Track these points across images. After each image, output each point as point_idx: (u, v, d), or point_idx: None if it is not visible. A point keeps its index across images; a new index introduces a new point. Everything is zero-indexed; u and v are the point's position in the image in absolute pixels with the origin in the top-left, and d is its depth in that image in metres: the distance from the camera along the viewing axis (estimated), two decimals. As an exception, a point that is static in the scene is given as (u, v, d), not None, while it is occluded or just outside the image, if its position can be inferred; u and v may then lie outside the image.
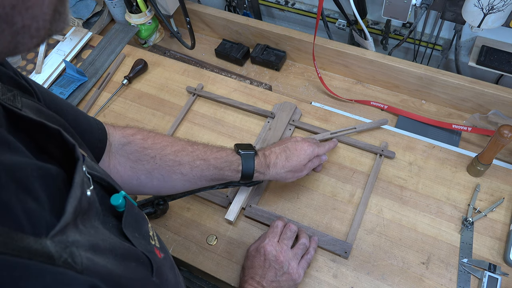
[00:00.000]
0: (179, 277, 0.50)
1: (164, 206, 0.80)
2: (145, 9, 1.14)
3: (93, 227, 0.34)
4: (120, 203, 0.39)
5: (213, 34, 1.22)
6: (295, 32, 1.06)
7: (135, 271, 0.36)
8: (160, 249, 0.44)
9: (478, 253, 0.75)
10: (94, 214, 0.35)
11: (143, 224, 0.43)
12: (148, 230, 0.43)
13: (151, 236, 0.43)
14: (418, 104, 1.01)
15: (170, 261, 0.47)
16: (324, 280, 0.75)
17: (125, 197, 0.40)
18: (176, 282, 0.45)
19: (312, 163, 0.77)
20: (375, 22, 1.08)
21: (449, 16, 0.90)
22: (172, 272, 0.45)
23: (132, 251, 0.37)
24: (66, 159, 0.35)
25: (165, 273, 0.42)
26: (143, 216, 0.44)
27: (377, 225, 0.79)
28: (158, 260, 0.41)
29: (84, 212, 0.33)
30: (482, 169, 0.80)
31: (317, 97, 1.06)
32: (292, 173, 0.74)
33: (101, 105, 1.03)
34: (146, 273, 0.38)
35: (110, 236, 0.36)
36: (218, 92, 1.01)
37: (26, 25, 0.27)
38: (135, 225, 0.41)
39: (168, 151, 0.66)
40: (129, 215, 0.40)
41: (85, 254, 0.30)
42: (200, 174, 0.67)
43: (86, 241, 0.31)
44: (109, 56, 1.12)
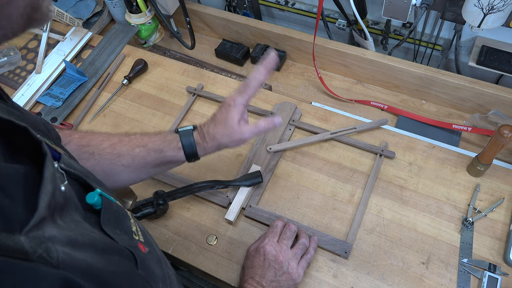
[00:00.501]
0: (169, 270, 0.50)
1: (164, 206, 0.80)
2: (145, 9, 1.14)
3: (73, 221, 0.34)
4: (96, 201, 0.39)
5: (213, 34, 1.22)
6: (295, 32, 1.06)
7: (119, 264, 0.36)
8: (144, 244, 0.44)
9: (478, 253, 0.75)
10: (73, 209, 0.36)
11: (124, 220, 0.43)
12: (130, 226, 0.43)
13: (134, 231, 0.43)
14: (418, 104, 1.01)
15: (157, 256, 0.46)
16: (324, 280, 0.75)
17: (102, 195, 0.40)
18: (164, 276, 0.45)
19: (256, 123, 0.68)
20: (375, 22, 1.08)
21: (449, 16, 0.90)
22: (159, 266, 0.46)
23: (114, 245, 0.38)
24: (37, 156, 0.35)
25: (151, 267, 0.42)
26: (124, 213, 0.44)
27: (377, 225, 0.79)
28: (142, 254, 0.41)
29: (61, 207, 0.33)
30: (482, 169, 0.80)
31: (317, 97, 1.06)
32: (229, 137, 0.66)
33: (101, 105, 1.03)
34: (130, 266, 0.38)
35: (92, 230, 0.36)
36: (218, 92, 1.01)
37: None
38: (116, 222, 0.41)
39: (105, 145, 0.66)
40: (107, 213, 0.39)
41: (62, 249, 0.30)
42: (142, 162, 0.66)
43: (64, 236, 0.31)
44: (109, 56, 1.12)
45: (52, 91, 1.06)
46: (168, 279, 0.47)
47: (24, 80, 1.10)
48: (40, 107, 1.05)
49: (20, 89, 1.07)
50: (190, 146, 0.66)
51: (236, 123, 0.65)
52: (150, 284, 0.41)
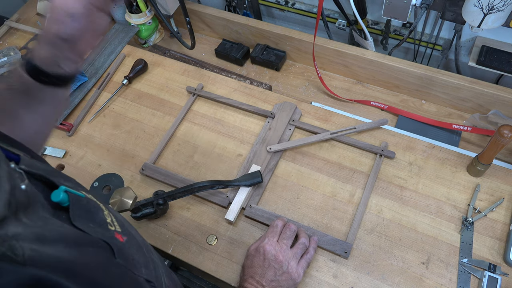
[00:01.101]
0: (152, 255, 0.50)
1: (164, 206, 0.80)
2: (145, 9, 1.14)
3: (41, 218, 0.34)
4: (62, 198, 0.38)
5: (213, 34, 1.22)
6: (295, 32, 1.06)
7: (94, 255, 0.37)
8: (122, 233, 0.44)
9: (478, 253, 0.75)
10: (40, 207, 0.36)
11: (96, 213, 0.43)
12: (104, 218, 0.43)
13: (109, 222, 0.43)
14: (418, 104, 1.01)
15: (137, 242, 0.47)
16: (324, 280, 0.75)
17: (67, 191, 0.39)
18: (146, 261, 0.46)
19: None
20: (375, 22, 1.08)
21: (449, 16, 0.90)
22: (140, 252, 0.46)
23: (86, 237, 0.38)
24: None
25: (130, 254, 0.42)
26: (96, 205, 0.44)
27: (377, 225, 0.79)
28: (120, 244, 0.41)
29: (26, 206, 0.34)
30: (482, 169, 0.80)
31: (317, 97, 1.06)
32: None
33: (101, 105, 1.03)
34: (106, 256, 0.39)
35: (62, 225, 0.36)
36: (218, 92, 1.01)
37: None
38: (87, 216, 0.41)
39: None
40: (76, 209, 0.39)
41: (29, 245, 0.30)
42: None
43: (31, 233, 0.32)
44: (109, 56, 1.12)
45: (52, 91, 1.06)
46: (151, 263, 0.47)
47: (24, 80, 1.10)
48: (40, 107, 1.05)
49: (20, 89, 1.07)
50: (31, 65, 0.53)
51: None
52: (131, 270, 0.41)
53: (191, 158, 0.92)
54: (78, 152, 0.96)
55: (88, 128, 1.00)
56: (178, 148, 0.94)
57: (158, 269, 0.49)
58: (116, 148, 0.95)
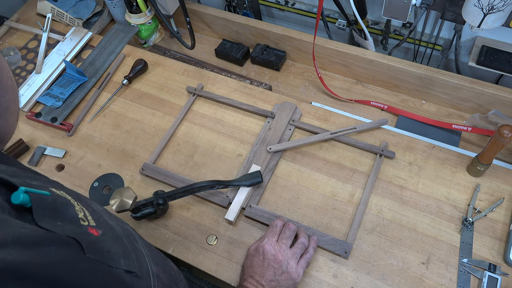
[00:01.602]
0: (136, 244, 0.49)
1: (164, 206, 0.80)
2: (145, 9, 1.14)
3: None
4: (22, 199, 0.38)
5: (213, 34, 1.22)
6: (295, 32, 1.06)
7: (56, 253, 0.36)
8: (96, 227, 0.43)
9: (478, 253, 0.75)
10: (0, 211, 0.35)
11: (66, 210, 0.42)
12: (75, 214, 0.42)
13: (82, 218, 0.42)
14: (418, 104, 1.01)
15: (114, 233, 0.46)
16: (324, 280, 0.75)
17: (28, 191, 0.38)
18: (126, 252, 0.45)
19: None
20: (375, 22, 1.08)
21: (449, 16, 0.90)
22: (118, 242, 0.45)
23: (49, 236, 0.37)
24: None
25: (105, 247, 0.42)
26: (65, 202, 0.43)
27: (377, 225, 0.79)
28: (93, 238, 0.41)
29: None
30: (482, 169, 0.80)
31: (317, 97, 1.06)
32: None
33: (101, 105, 1.03)
34: (73, 253, 0.38)
35: (23, 225, 0.35)
36: (218, 92, 1.01)
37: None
38: (54, 215, 0.40)
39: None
40: (39, 208, 0.38)
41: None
42: None
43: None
44: (109, 56, 1.12)
45: (52, 91, 1.06)
46: (133, 253, 0.46)
47: (24, 80, 1.10)
48: (40, 107, 1.05)
49: (20, 89, 1.07)
50: None
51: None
52: (106, 263, 0.40)
53: (191, 158, 0.92)
54: (78, 152, 0.96)
55: (88, 128, 1.00)
56: (178, 148, 0.94)
57: (142, 258, 0.48)
58: (116, 148, 0.95)
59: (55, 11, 1.20)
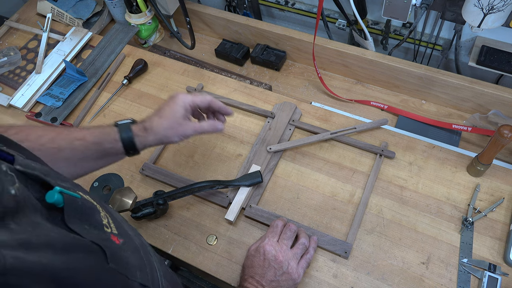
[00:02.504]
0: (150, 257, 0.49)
1: (164, 206, 0.80)
2: (145, 9, 1.14)
3: (31, 224, 0.34)
4: (56, 199, 0.38)
5: (213, 34, 1.22)
6: (295, 32, 1.06)
7: (84, 261, 0.36)
8: (118, 235, 0.43)
9: (478, 253, 0.75)
10: (31, 211, 0.35)
11: (92, 214, 0.42)
12: (100, 220, 0.43)
13: (106, 224, 0.43)
14: (418, 104, 1.01)
15: (133, 245, 0.46)
16: (324, 280, 0.75)
17: (62, 192, 0.39)
18: (142, 264, 0.45)
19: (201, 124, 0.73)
20: (375, 22, 1.08)
21: (449, 16, 0.90)
22: (136, 254, 0.45)
23: (78, 242, 0.37)
24: None
25: (125, 258, 0.42)
26: (92, 206, 0.43)
27: (377, 225, 0.79)
28: (115, 246, 0.41)
29: (14, 211, 0.33)
30: (482, 169, 0.80)
31: (317, 97, 1.06)
32: (173, 130, 0.69)
33: (101, 105, 1.03)
34: (97, 261, 0.38)
35: (53, 229, 0.36)
36: (218, 92, 1.01)
37: None
38: (82, 218, 0.40)
39: (44, 139, 0.64)
40: (70, 210, 0.39)
41: (12, 253, 0.30)
42: (82, 155, 0.66)
43: (15, 240, 0.31)
44: (109, 56, 1.12)
45: (52, 91, 1.06)
46: (148, 266, 0.46)
47: (24, 80, 1.10)
48: (40, 107, 1.05)
49: (20, 89, 1.07)
50: (128, 138, 0.68)
51: (181, 118, 0.69)
52: (125, 275, 0.40)
53: (191, 158, 0.92)
54: (78, 152, 0.96)
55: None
56: (178, 148, 0.94)
57: (155, 273, 0.48)
58: (116, 148, 0.95)
59: (55, 11, 1.20)
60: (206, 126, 0.73)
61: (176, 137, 0.70)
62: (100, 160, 0.69)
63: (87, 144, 0.66)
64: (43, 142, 0.64)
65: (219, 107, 0.75)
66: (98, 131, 0.67)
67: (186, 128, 0.70)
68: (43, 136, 0.64)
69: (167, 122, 0.69)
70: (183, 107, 0.70)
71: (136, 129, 0.68)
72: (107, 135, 0.67)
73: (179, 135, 0.70)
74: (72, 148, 0.65)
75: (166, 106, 0.70)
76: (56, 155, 0.64)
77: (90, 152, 0.66)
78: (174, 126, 0.69)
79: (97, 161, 0.68)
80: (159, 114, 0.69)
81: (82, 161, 0.66)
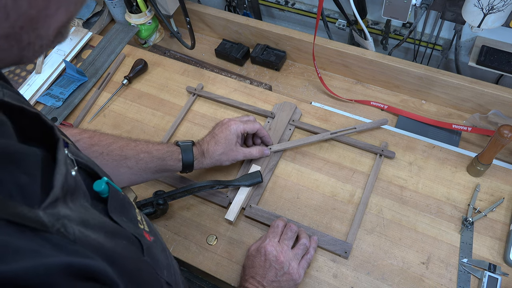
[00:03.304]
0: (172, 260, 0.51)
1: (164, 206, 0.80)
2: (145, 9, 1.14)
3: (82, 206, 0.36)
4: (103, 188, 0.40)
5: (213, 34, 1.22)
6: (295, 32, 1.06)
7: (127, 248, 0.38)
8: (149, 233, 0.45)
9: (478, 253, 0.75)
10: (82, 195, 0.37)
11: (129, 209, 0.44)
12: (135, 215, 0.45)
13: (139, 220, 0.45)
14: (418, 104, 1.01)
15: (161, 244, 0.48)
16: (324, 280, 0.75)
17: (108, 183, 0.41)
18: (168, 264, 0.47)
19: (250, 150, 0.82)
20: (375, 22, 1.08)
21: (449, 16, 0.90)
22: (164, 254, 0.47)
23: (121, 231, 0.39)
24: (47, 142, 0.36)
25: (156, 254, 0.44)
26: (129, 202, 0.46)
27: (377, 225, 0.79)
28: (148, 242, 0.43)
29: (72, 191, 0.35)
30: (482, 169, 0.80)
31: (317, 97, 1.06)
32: (226, 155, 0.78)
33: (101, 105, 1.03)
34: (137, 252, 0.40)
35: (99, 215, 0.37)
36: (218, 92, 1.01)
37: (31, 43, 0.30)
38: (122, 210, 0.42)
39: (114, 147, 0.71)
40: (113, 201, 0.41)
41: (77, 227, 0.31)
42: (145, 167, 0.72)
43: (77, 216, 0.33)
44: (109, 56, 1.12)
45: (52, 91, 1.06)
46: (172, 267, 0.48)
47: (24, 80, 1.10)
48: (40, 107, 1.05)
49: (20, 89, 1.07)
50: (189, 159, 0.75)
51: (233, 145, 0.78)
52: (156, 271, 0.42)
53: (191, 158, 0.92)
54: (78, 152, 0.96)
55: (88, 128, 1.00)
56: (178, 148, 0.94)
57: (177, 276, 0.50)
58: (116, 148, 0.95)
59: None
60: (254, 152, 0.82)
61: (228, 162, 0.79)
62: (158, 173, 0.76)
63: (151, 158, 0.73)
64: (112, 148, 0.71)
65: (264, 135, 0.85)
66: (162, 147, 0.75)
67: (237, 154, 0.79)
68: (113, 144, 0.72)
69: (222, 148, 0.77)
70: (235, 134, 0.78)
71: (196, 152, 0.77)
72: (171, 154, 0.74)
73: (231, 160, 0.79)
74: (137, 159, 0.72)
75: (220, 133, 0.78)
76: (121, 162, 0.71)
77: (152, 165, 0.73)
78: (227, 152, 0.78)
79: (155, 174, 0.75)
80: (215, 140, 0.78)
81: (143, 172, 0.73)
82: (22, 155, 0.32)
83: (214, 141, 0.77)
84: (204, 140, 0.79)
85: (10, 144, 0.32)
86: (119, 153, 0.71)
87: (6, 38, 0.28)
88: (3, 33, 0.28)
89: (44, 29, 0.30)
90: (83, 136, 0.71)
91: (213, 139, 0.78)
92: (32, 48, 0.30)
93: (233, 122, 0.79)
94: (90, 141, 0.70)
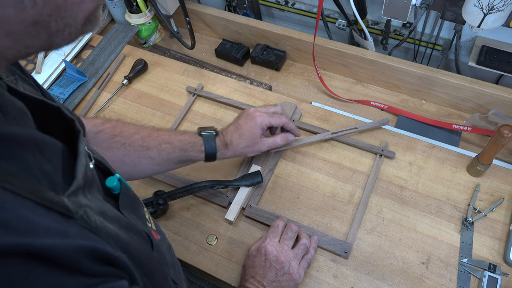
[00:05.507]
0: (176, 259, 0.52)
1: (164, 206, 0.80)
2: (145, 9, 1.14)
3: (98, 199, 0.37)
4: (115, 185, 0.41)
5: (213, 34, 1.22)
6: (295, 32, 1.06)
7: (139, 242, 0.39)
8: (156, 232, 0.46)
9: (478, 253, 0.75)
10: (96, 189, 0.38)
11: (138, 207, 0.45)
12: (144, 213, 0.45)
13: (148, 219, 0.46)
14: (418, 104, 1.01)
15: (167, 243, 0.49)
16: (324, 280, 0.75)
17: (120, 180, 0.42)
18: (173, 263, 0.48)
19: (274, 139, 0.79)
20: (375, 22, 1.08)
21: (449, 16, 0.90)
22: (170, 253, 0.48)
23: (133, 226, 0.40)
24: (67, 135, 0.38)
25: (163, 253, 0.44)
26: (139, 200, 0.47)
27: (377, 225, 0.79)
28: (156, 240, 0.44)
29: (90, 184, 0.36)
30: (482, 169, 0.80)
31: (317, 97, 1.06)
32: (250, 148, 0.76)
33: (101, 105, 1.03)
34: (147, 247, 0.41)
35: (113, 209, 0.38)
36: (218, 92, 1.01)
37: (60, 30, 0.31)
38: (131, 207, 0.43)
39: (136, 137, 0.71)
40: (124, 197, 0.42)
41: (97, 217, 0.33)
42: (167, 157, 0.72)
43: (96, 206, 0.34)
44: (109, 56, 1.12)
45: (52, 91, 1.06)
46: (176, 266, 0.49)
47: (24, 80, 1.09)
48: (40, 107, 1.05)
49: (20, 89, 1.07)
50: (212, 150, 0.74)
51: (258, 137, 0.76)
52: (164, 268, 0.43)
53: (191, 158, 0.92)
54: (78, 152, 0.96)
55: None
56: (178, 148, 0.94)
57: (181, 274, 0.51)
58: (116, 148, 0.95)
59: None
60: (279, 141, 0.80)
61: (252, 153, 0.78)
62: (180, 163, 0.75)
63: (173, 149, 0.72)
64: (135, 139, 0.71)
65: (291, 128, 0.82)
66: (185, 138, 0.73)
67: (262, 145, 0.78)
68: (136, 134, 0.71)
69: (246, 141, 0.75)
70: (260, 127, 0.76)
71: (219, 143, 0.75)
72: (193, 145, 0.73)
73: (255, 152, 0.78)
74: (159, 150, 0.71)
75: (245, 124, 0.75)
76: (143, 153, 0.70)
77: (174, 156, 0.72)
78: (251, 144, 0.76)
79: (177, 164, 0.75)
80: (239, 132, 0.75)
81: (165, 162, 0.72)
82: (46, 144, 0.33)
83: (238, 134, 0.75)
84: (228, 131, 0.76)
85: (35, 132, 0.33)
86: (141, 144, 0.70)
87: (34, 25, 0.29)
88: (32, 20, 0.28)
89: (72, 17, 0.31)
90: (106, 127, 0.70)
91: (237, 130, 0.75)
92: (61, 35, 0.31)
93: (259, 114, 0.76)
94: (113, 131, 0.70)
